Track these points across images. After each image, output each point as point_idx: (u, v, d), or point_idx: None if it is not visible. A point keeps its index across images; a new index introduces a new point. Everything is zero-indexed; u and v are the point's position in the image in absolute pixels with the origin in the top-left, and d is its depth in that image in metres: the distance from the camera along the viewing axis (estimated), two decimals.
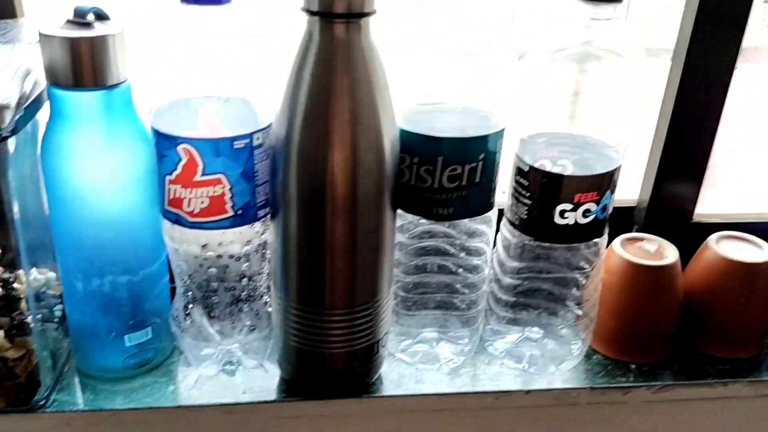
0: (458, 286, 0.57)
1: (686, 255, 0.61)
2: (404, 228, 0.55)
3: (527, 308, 0.58)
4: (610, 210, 0.54)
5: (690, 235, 0.64)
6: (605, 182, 0.52)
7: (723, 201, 0.70)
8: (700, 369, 0.61)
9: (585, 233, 0.54)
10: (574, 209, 0.52)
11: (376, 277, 0.51)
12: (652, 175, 0.65)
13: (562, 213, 0.53)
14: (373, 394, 0.56)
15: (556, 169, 0.52)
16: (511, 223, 0.56)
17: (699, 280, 0.62)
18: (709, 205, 0.68)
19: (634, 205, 0.67)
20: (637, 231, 0.65)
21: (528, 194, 0.53)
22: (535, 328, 0.60)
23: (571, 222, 0.53)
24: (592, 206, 0.53)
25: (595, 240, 0.56)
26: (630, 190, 0.68)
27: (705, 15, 0.58)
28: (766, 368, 0.61)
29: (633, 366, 0.61)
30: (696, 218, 0.68)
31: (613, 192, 0.54)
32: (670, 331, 0.62)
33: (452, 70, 0.52)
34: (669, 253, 0.60)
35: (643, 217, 0.67)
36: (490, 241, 0.57)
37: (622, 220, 0.67)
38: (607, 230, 0.56)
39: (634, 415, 0.61)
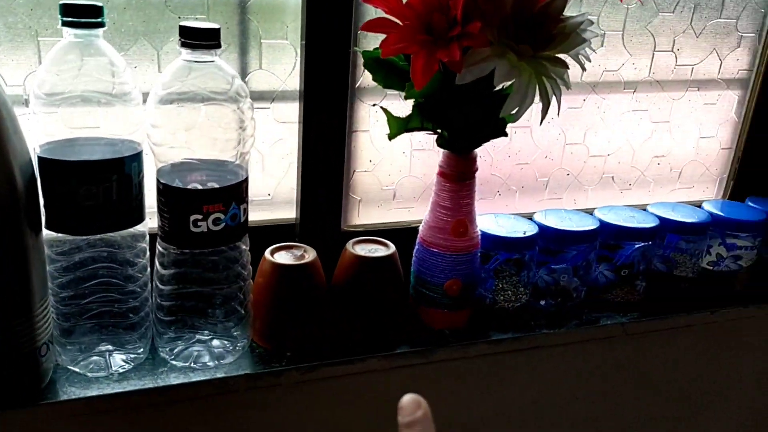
0: (116, 295, 0.64)
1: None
2: (53, 244, 0.61)
3: (189, 312, 0.67)
4: (242, 219, 0.65)
5: (341, 242, 0.77)
6: (231, 195, 0.63)
7: (373, 213, 0.85)
8: (347, 350, 0.73)
9: (218, 239, 0.64)
10: (205, 219, 0.62)
11: (26, 291, 0.57)
12: (301, 196, 0.78)
13: (195, 222, 0.62)
14: (40, 402, 0.61)
15: (187, 186, 0.62)
16: (160, 236, 0.65)
17: (342, 276, 0.75)
18: (363, 217, 0.83)
19: (293, 222, 0.79)
20: (296, 242, 0.77)
21: (166, 209, 0.63)
22: (206, 331, 0.69)
23: (205, 230, 0.63)
24: (221, 215, 0.63)
25: (238, 246, 0.66)
26: None
27: (313, 59, 0.72)
28: (399, 346, 0.75)
29: (288, 354, 0.71)
30: (346, 228, 0.81)
31: (241, 203, 0.64)
32: (318, 321, 0.73)
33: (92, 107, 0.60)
34: (309, 255, 0.72)
35: (299, 231, 0.79)
36: (145, 253, 0.65)
37: (285, 234, 0.78)
38: (245, 237, 0.67)
39: (289, 395, 0.71)
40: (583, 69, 0.64)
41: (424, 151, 0.81)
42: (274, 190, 0.79)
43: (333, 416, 0.75)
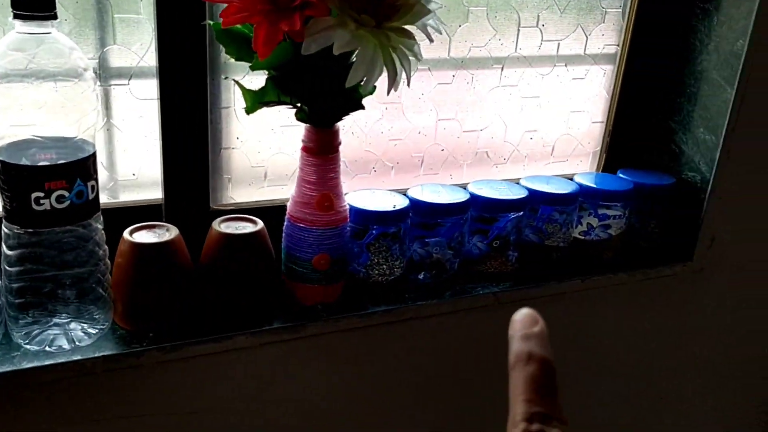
0: None
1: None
2: None
3: (42, 295, 0.65)
4: (90, 196, 0.63)
5: (211, 221, 0.76)
6: (74, 171, 0.61)
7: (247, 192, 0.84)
8: (213, 329, 0.72)
9: (63, 218, 0.62)
10: (47, 196, 0.60)
11: None
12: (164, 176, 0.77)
13: (36, 200, 0.60)
14: None
15: (25, 163, 0.60)
16: (3, 216, 0.62)
17: (209, 255, 0.74)
18: (235, 195, 0.82)
19: (160, 203, 0.78)
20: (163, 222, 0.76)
21: (6, 187, 0.60)
22: (63, 314, 0.67)
23: (48, 208, 0.61)
24: (65, 193, 0.61)
25: (90, 224, 0.64)
26: None
27: (167, 34, 0.71)
28: (268, 322, 0.74)
29: (151, 335, 0.70)
30: (215, 207, 0.81)
31: (88, 180, 0.63)
32: (182, 300, 0.72)
33: None
34: (170, 234, 0.71)
35: (165, 211, 0.77)
36: None
37: (152, 215, 0.77)
38: (98, 216, 0.65)
39: (151, 377, 0.70)
40: (431, 40, 0.65)
41: (293, 128, 0.81)
42: (139, 170, 0.77)
43: (201, 397, 0.74)
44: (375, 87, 0.68)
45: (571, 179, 0.95)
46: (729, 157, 0.93)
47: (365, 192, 0.83)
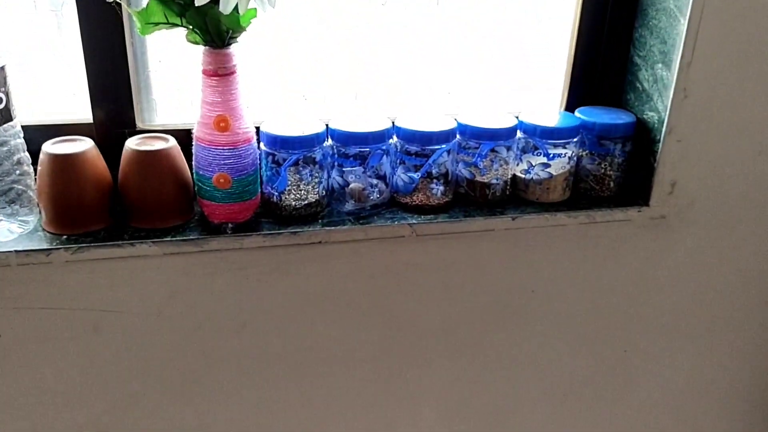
0: None
1: None
2: None
3: None
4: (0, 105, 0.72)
5: None
6: None
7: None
8: (120, 236, 0.79)
9: None
10: None
11: None
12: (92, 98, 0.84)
13: None
14: None
15: None
16: None
17: (123, 171, 0.81)
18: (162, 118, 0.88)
19: (91, 123, 0.85)
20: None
21: None
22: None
23: None
24: None
25: (7, 131, 0.73)
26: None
27: None
28: (175, 234, 0.80)
29: (65, 237, 0.78)
30: (142, 127, 0.87)
31: None
32: (97, 209, 0.80)
33: None
34: (84, 146, 0.78)
35: (95, 131, 0.85)
36: None
37: (83, 134, 0.84)
38: (14, 125, 0.73)
39: (60, 274, 0.78)
40: None
41: None
42: (75, 91, 0.85)
43: (105, 299, 0.81)
44: (255, 9, 0.70)
45: (516, 117, 0.92)
46: (686, 96, 0.86)
47: (288, 117, 0.86)
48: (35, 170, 0.78)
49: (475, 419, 1.05)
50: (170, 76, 0.86)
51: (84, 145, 0.79)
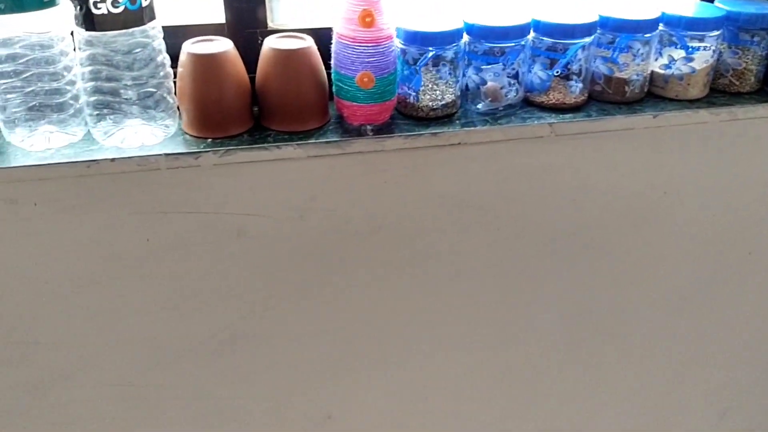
0: (47, 86, 0.71)
1: None
2: None
3: (111, 94, 0.73)
4: (144, 3, 0.70)
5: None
6: None
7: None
8: (263, 139, 0.78)
9: (120, 22, 0.69)
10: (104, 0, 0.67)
11: None
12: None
13: (95, 4, 0.67)
14: None
15: None
16: (75, 23, 0.70)
17: (262, 70, 0.79)
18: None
19: (223, 24, 0.83)
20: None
21: None
22: (136, 118, 0.76)
23: (105, 12, 0.68)
24: None
25: (147, 32, 0.71)
26: None
27: None
28: (317, 137, 0.79)
29: (209, 140, 0.78)
30: (272, 27, 0.84)
31: None
32: (239, 111, 0.78)
33: None
34: (225, 47, 0.76)
35: (227, 31, 0.82)
36: (66, 54, 0.72)
37: (216, 35, 0.82)
38: (155, 24, 0.71)
39: (207, 177, 0.78)
40: None
41: None
42: None
43: (248, 203, 0.81)
44: None
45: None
46: None
47: (424, 14, 0.83)
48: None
49: (595, 322, 1.05)
50: None
51: (224, 44, 0.77)
